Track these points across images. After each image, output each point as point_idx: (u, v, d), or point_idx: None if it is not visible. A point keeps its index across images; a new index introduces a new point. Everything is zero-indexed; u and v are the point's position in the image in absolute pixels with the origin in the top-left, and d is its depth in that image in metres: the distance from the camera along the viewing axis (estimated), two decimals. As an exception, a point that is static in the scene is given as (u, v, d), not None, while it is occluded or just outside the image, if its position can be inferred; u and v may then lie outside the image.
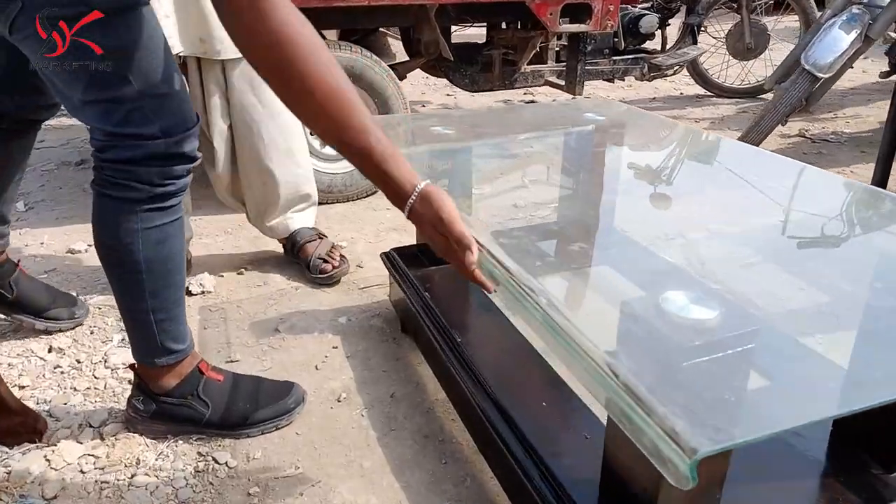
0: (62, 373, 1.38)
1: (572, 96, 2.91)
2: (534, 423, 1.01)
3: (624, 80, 3.25)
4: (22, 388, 1.32)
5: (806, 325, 0.91)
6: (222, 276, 1.78)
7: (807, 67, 2.24)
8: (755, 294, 1.01)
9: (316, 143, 2.21)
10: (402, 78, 2.66)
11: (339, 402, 1.29)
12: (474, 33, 3.15)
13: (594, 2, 2.41)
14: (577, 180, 1.67)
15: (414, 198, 0.83)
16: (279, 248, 1.88)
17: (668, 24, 3.30)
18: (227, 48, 1.50)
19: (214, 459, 1.14)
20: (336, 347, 1.46)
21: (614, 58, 3.04)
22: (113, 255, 1.04)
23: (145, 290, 1.06)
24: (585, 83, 2.97)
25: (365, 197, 2.33)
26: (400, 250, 1.55)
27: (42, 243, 2.00)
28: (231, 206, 1.86)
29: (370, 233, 2.07)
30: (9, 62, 1.09)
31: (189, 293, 1.66)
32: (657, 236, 1.59)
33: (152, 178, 1.00)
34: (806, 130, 3.12)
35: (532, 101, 3.81)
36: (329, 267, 1.74)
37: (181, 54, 1.50)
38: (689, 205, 1.64)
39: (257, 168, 1.69)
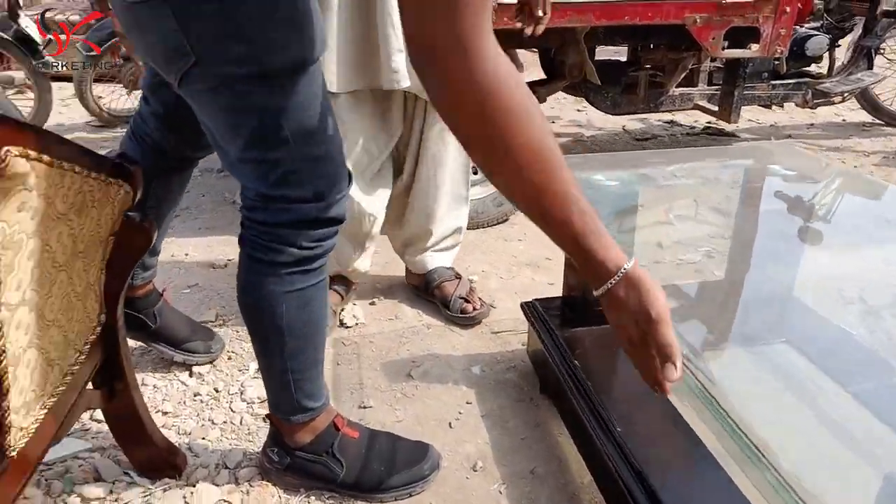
0: (201, 401, 1.38)
1: (726, 124, 2.68)
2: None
3: (783, 106, 2.96)
4: (164, 413, 1.34)
5: None
6: (355, 304, 1.75)
7: None
8: None
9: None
10: (542, 101, 2.55)
11: (474, 471, 1.20)
12: (615, 49, 2.98)
13: (763, 25, 2.17)
14: (738, 230, 1.49)
15: (616, 279, 0.72)
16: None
17: (838, 45, 2.97)
18: None
19: (347, 524, 1.09)
20: (470, 403, 1.38)
21: (773, 82, 2.77)
22: (255, 315, 1.01)
23: (284, 352, 1.02)
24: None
25: (495, 225, 2.24)
26: (544, 301, 1.44)
27: (186, 254, 2.07)
28: (389, 226, 1.79)
29: (502, 267, 1.98)
30: (176, 105, 1.09)
31: (344, 325, 1.65)
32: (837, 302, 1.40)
33: (300, 242, 0.95)
34: None
35: (671, 122, 3.58)
36: (470, 308, 1.66)
37: (406, 87, 1.44)
38: (867, 265, 1.44)
39: (424, 204, 1.64)
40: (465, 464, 1.21)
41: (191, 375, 1.46)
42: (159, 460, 1.15)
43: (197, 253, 2.07)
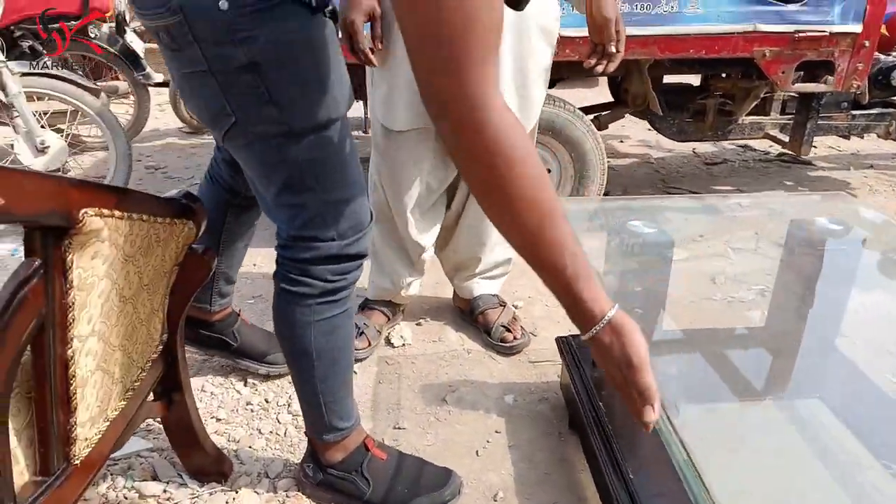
0: (252, 411, 1.50)
1: (797, 156, 2.60)
2: None
3: (863, 137, 2.83)
4: (218, 420, 1.47)
5: None
6: (407, 327, 1.83)
7: None
8: None
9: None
10: (604, 128, 2.57)
11: (494, 501, 1.25)
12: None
13: (838, 59, 2.11)
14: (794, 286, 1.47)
15: (601, 325, 0.76)
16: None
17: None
18: None
19: (370, 541, 1.17)
20: (499, 432, 1.44)
21: (854, 112, 2.66)
22: (288, 341, 1.12)
23: (315, 376, 1.12)
24: (816, 138, 2.64)
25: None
26: (577, 337, 1.47)
27: (254, 265, 2.22)
28: (439, 255, 1.87)
29: (548, 294, 2.01)
30: None
31: (391, 345, 1.74)
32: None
33: (325, 276, 1.06)
34: None
35: (745, 146, 3.48)
36: (511, 337, 1.72)
37: None
38: None
39: (476, 233, 1.70)
40: (486, 493, 1.27)
41: (245, 385, 1.59)
42: (208, 466, 1.27)
43: (264, 264, 2.22)
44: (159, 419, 1.23)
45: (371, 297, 1.79)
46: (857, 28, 2.06)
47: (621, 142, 3.56)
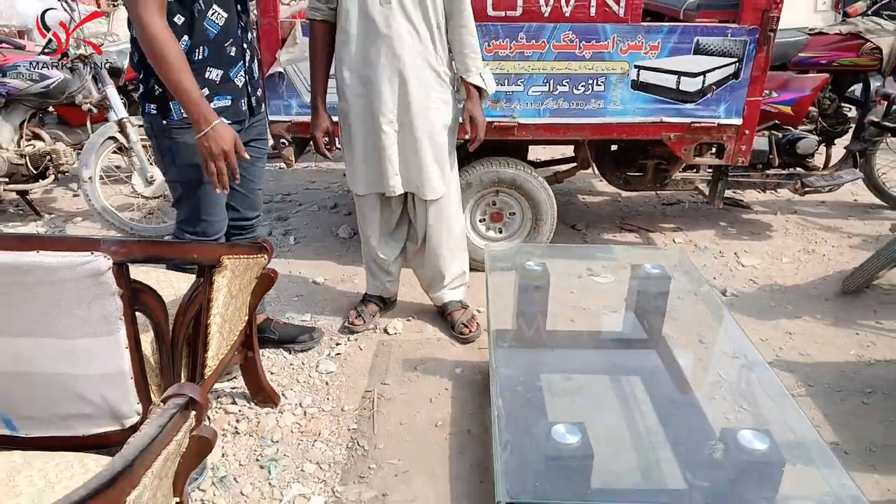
0: (294, 369, 2.38)
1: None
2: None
3: (777, 191, 3.54)
4: (271, 373, 2.34)
5: None
6: (399, 320, 2.68)
7: (907, 229, 2.48)
8: None
9: (480, 228, 3.03)
10: (561, 181, 3.38)
11: (435, 426, 2.09)
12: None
13: (726, 142, 2.86)
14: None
15: (206, 130, 1.75)
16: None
17: (834, 145, 3.51)
18: (432, 192, 2.31)
19: (358, 442, 2.02)
20: (447, 389, 2.27)
21: (768, 171, 3.38)
22: None
23: None
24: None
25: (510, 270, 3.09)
26: (499, 332, 2.29)
27: (300, 272, 3.10)
28: (415, 273, 2.71)
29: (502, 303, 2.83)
30: None
31: (386, 333, 2.59)
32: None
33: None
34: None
35: (699, 191, 4.19)
36: (468, 331, 2.54)
37: (401, 192, 2.35)
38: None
39: (436, 264, 2.51)
40: (431, 422, 2.11)
41: (289, 353, 2.46)
42: (266, 397, 2.14)
43: (306, 272, 3.10)
44: (240, 365, 2.11)
45: (368, 292, 2.67)
46: (738, 121, 2.81)
47: (600, 180, 4.32)
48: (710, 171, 3.32)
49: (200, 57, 1.86)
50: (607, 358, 2.09)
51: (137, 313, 1.41)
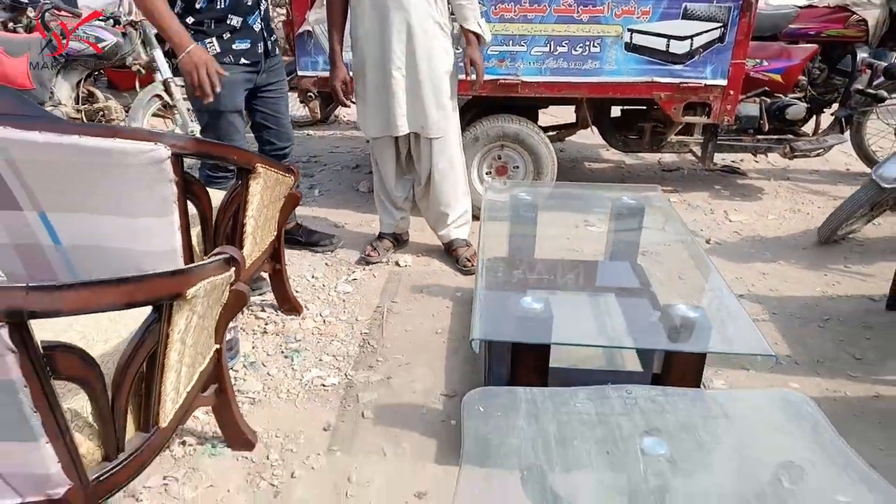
0: (315, 289, 2.71)
1: (703, 167, 3.59)
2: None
3: (766, 155, 3.77)
4: (297, 292, 2.67)
5: None
6: (409, 255, 3.00)
7: (874, 177, 2.71)
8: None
9: (487, 180, 3.33)
10: (561, 140, 3.66)
11: (435, 333, 2.40)
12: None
13: (713, 102, 3.12)
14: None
15: (184, 53, 2.12)
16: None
17: (824, 112, 3.73)
18: (434, 131, 2.64)
19: (368, 342, 2.34)
20: (448, 307, 2.58)
21: (759, 136, 3.62)
22: None
23: None
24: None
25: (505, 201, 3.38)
26: (490, 262, 2.59)
27: (323, 217, 3.44)
28: (422, 213, 3.02)
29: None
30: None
31: (398, 265, 2.92)
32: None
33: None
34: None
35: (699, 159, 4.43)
36: (469, 264, 2.85)
37: (407, 132, 2.67)
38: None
39: (440, 201, 2.83)
40: (432, 331, 2.42)
41: (312, 277, 2.79)
42: (291, 306, 2.48)
43: (328, 217, 3.44)
44: (269, 276, 2.44)
45: (382, 231, 2.99)
46: (724, 82, 3.07)
47: (607, 149, 4.58)
48: (703, 135, 3.57)
49: (222, 6, 2.28)
50: (585, 275, 2.37)
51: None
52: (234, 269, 1.52)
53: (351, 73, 2.65)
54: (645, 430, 1.17)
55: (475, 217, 3.03)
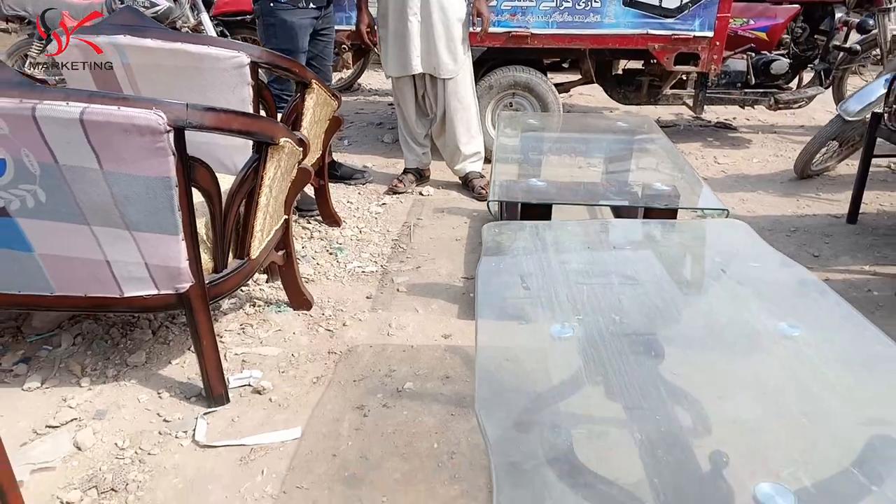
0: (351, 210, 3.13)
1: (695, 115, 3.97)
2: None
3: (753, 107, 4.15)
4: (338, 207, 3.09)
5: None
6: (431, 187, 3.42)
7: (839, 111, 3.08)
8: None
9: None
10: (567, 91, 4.06)
11: (456, 240, 2.81)
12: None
13: (701, 52, 3.50)
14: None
15: None
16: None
17: (806, 68, 4.10)
18: (446, 72, 3.07)
19: (399, 245, 2.76)
20: (466, 222, 2.99)
21: (746, 90, 4.00)
22: None
23: None
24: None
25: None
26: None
27: (352, 162, 3.86)
28: (440, 151, 3.44)
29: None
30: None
31: (421, 195, 3.33)
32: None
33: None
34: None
35: (696, 117, 4.81)
36: (484, 192, 3.26)
37: (420, 71, 3.10)
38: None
39: (454, 137, 3.25)
40: (453, 238, 2.83)
41: (348, 202, 3.21)
42: (333, 220, 2.90)
43: (357, 161, 3.86)
44: (315, 191, 2.86)
45: (407, 166, 3.40)
46: (710, 34, 3.45)
47: (610, 111, 4.97)
48: (695, 88, 3.96)
49: None
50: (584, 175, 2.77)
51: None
52: (302, 148, 1.94)
53: (375, 21, 3.08)
54: (617, 243, 1.58)
55: (488, 160, 3.45)
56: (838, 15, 3.88)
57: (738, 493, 0.77)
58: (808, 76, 4.14)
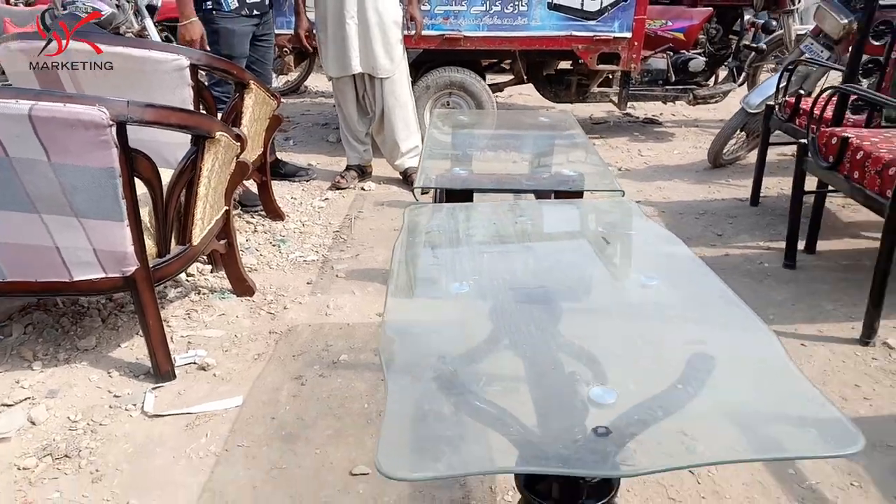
0: (294, 205, 3.28)
1: (621, 110, 4.25)
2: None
3: (674, 103, 4.46)
4: (282, 203, 3.24)
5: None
6: (373, 182, 3.59)
7: (742, 104, 3.39)
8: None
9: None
10: (501, 90, 4.29)
11: (394, 231, 2.99)
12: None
13: (622, 52, 3.77)
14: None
15: (187, 21, 2.68)
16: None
17: (722, 66, 4.42)
18: (383, 72, 3.25)
19: (340, 236, 2.93)
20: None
21: (667, 87, 4.30)
22: None
23: None
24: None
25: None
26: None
27: (297, 160, 4.00)
28: (380, 148, 3.62)
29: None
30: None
31: (363, 190, 3.50)
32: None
33: None
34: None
35: (626, 114, 5.11)
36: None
37: (359, 72, 3.28)
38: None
39: (393, 134, 3.43)
40: (391, 228, 3.01)
41: (292, 198, 3.37)
42: (276, 214, 3.05)
43: (298, 160, 4.01)
44: (258, 187, 3.00)
45: (349, 163, 3.57)
46: (629, 34, 3.72)
47: (546, 109, 5.23)
48: (619, 86, 4.24)
49: None
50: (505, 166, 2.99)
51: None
52: (239, 143, 2.10)
53: (315, 25, 3.25)
54: (519, 216, 1.79)
55: (427, 152, 3.65)
56: (747, 17, 4.21)
57: (580, 396, 0.97)
58: (723, 73, 4.46)
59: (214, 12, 2.86)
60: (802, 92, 3.06)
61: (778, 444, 0.90)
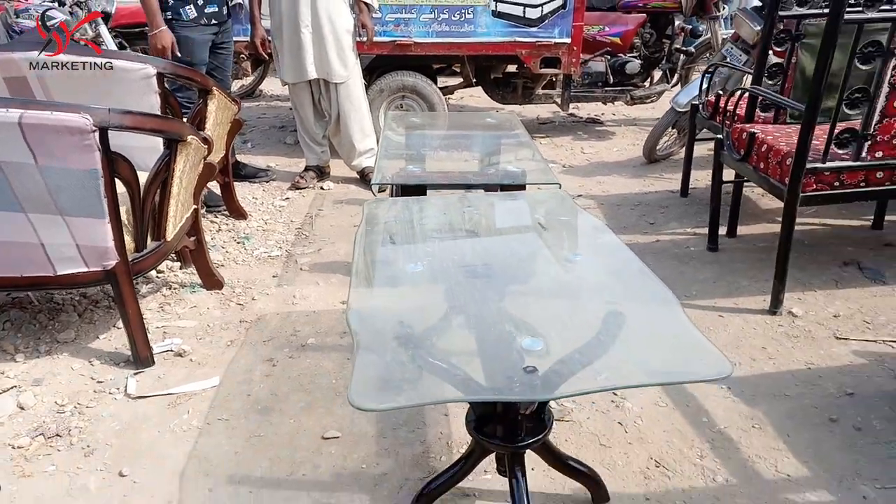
0: (256, 205, 3.43)
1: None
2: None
3: (613, 103, 4.76)
4: (245, 202, 3.38)
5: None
6: (332, 182, 3.76)
7: (671, 104, 3.69)
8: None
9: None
10: (451, 93, 4.51)
11: (354, 227, 3.18)
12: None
13: (562, 56, 4.04)
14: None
15: (157, 31, 2.84)
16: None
17: (657, 68, 4.75)
18: (337, 77, 3.43)
19: (302, 233, 3.09)
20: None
21: (606, 88, 4.59)
22: None
23: None
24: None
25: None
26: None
27: (255, 162, 4.14)
28: (337, 149, 3.80)
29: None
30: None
31: (322, 189, 3.67)
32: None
33: None
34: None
35: (571, 115, 5.39)
36: (377, 184, 3.65)
37: (315, 77, 3.45)
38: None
39: (349, 136, 3.62)
40: (351, 224, 3.19)
41: (253, 198, 3.51)
42: (239, 214, 3.19)
43: (256, 161, 4.15)
44: (221, 188, 3.15)
45: (308, 164, 3.74)
46: (568, 40, 3.99)
47: (496, 110, 5.47)
48: (561, 89, 4.51)
49: None
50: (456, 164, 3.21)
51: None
52: (207, 146, 2.26)
53: (270, 33, 3.41)
54: (468, 206, 2.00)
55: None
56: (677, 22, 4.54)
57: (514, 346, 1.19)
58: (658, 75, 4.79)
59: (174, 22, 2.99)
60: (721, 92, 3.37)
61: (667, 373, 1.14)
